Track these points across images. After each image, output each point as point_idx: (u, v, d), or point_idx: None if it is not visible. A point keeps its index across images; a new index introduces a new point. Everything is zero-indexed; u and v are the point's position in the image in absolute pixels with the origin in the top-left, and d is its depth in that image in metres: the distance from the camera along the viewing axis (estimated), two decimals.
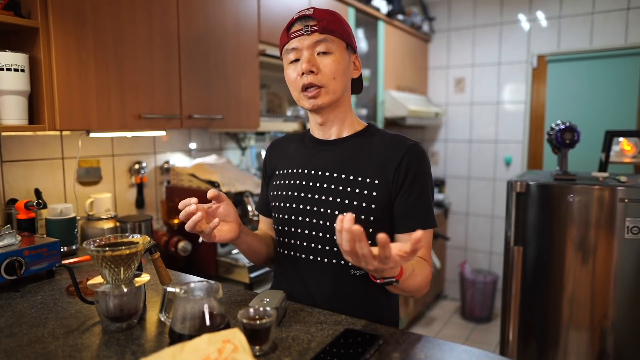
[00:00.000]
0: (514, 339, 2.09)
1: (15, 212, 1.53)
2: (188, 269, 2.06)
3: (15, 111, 1.36)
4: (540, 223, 2.01)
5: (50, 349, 0.88)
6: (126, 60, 1.60)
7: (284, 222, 1.17)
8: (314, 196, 1.12)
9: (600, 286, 1.92)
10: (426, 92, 3.98)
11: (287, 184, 1.18)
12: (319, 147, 1.18)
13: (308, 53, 1.07)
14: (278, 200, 1.18)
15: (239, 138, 2.61)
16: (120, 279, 0.95)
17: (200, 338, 0.77)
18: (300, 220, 1.14)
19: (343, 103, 1.14)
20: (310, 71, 1.06)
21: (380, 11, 3.11)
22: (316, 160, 1.16)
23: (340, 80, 1.09)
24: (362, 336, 0.90)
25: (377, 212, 1.07)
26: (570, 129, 2.04)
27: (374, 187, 1.08)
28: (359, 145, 1.13)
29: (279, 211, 1.18)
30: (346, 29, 1.11)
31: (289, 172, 1.19)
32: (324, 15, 1.08)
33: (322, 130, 1.18)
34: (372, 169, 1.09)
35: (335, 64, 1.07)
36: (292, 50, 1.09)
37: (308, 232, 1.13)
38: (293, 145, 1.25)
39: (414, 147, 1.09)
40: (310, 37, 1.07)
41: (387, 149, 1.10)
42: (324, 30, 1.06)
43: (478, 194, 3.85)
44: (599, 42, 3.23)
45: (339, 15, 1.11)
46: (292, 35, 1.09)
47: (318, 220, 1.11)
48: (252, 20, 2.10)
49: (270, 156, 1.29)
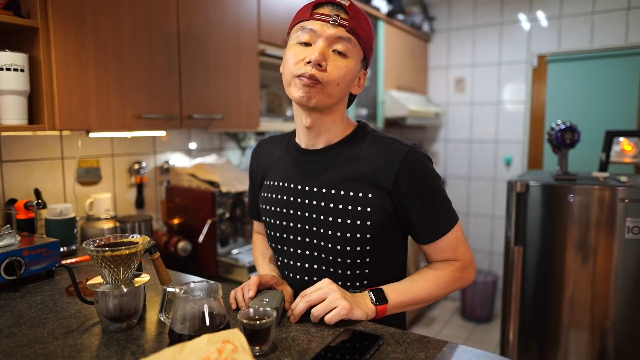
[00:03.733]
0: (514, 339, 2.09)
1: (15, 212, 1.52)
2: (188, 269, 2.06)
3: (15, 111, 1.36)
4: (540, 223, 2.01)
5: (49, 349, 0.88)
6: (126, 60, 1.60)
7: (276, 240, 1.11)
8: (304, 214, 1.04)
9: (601, 286, 1.92)
10: (426, 92, 3.98)
11: (275, 199, 1.10)
12: (304, 158, 1.07)
13: (324, 44, 0.94)
14: (268, 216, 1.12)
15: (238, 138, 2.60)
16: (120, 279, 0.94)
17: (200, 338, 0.77)
18: (291, 239, 1.08)
19: (335, 112, 1.02)
20: (318, 64, 0.94)
21: (381, 11, 3.11)
22: (303, 174, 1.06)
23: (343, 89, 0.99)
24: (362, 336, 0.90)
25: (373, 229, 0.99)
26: (570, 129, 2.04)
27: (368, 202, 0.98)
28: (348, 155, 1.02)
29: (270, 228, 1.12)
30: (371, 40, 1.01)
31: (277, 186, 1.10)
32: (358, 15, 0.97)
33: (307, 136, 1.05)
34: (364, 182, 0.99)
35: (346, 71, 0.96)
36: (309, 31, 0.96)
37: (301, 251, 1.07)
38: (277, 152, 1.15)
39: (410, 155, 0.98)
40: (335, 28, 0.94)
41: (379, 157, 1.00)
42: (352, 31, 0.95)
43: (478, 194, 3.85)
44: (599, 42, 3.23)
45: (369, 23, 1.01)
46: (317, 16, 0.95)
47: (311, 239, 1.04)
48: (252, 20, 2.09)
49: (257, 161, 1.20)
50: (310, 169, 1.05)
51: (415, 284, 1.02)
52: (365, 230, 0.99)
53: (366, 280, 1.04)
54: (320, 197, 1.03)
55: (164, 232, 2.08)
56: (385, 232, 1.02)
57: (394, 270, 1.09)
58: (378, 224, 0.99)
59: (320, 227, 1.02)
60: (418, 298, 1.01)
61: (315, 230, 1.03)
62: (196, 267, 2.07)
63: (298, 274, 1.09)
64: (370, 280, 1.05)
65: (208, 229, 1.99)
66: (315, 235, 1.04)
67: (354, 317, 0.94)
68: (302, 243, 1.06)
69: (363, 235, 1.00)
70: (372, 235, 1.00)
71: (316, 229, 1.03)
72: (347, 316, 0.93)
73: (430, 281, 1.02)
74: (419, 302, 1.02)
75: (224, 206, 2.07)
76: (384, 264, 1.06)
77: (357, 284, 1.04)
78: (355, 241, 1.00)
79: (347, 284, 1.04)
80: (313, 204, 1.03)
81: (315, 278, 1.06)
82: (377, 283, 1.04)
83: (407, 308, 1.02)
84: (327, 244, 1.02)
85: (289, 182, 1.08)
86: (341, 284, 1.04)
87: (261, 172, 1.19)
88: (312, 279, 1.06)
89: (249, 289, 1.02)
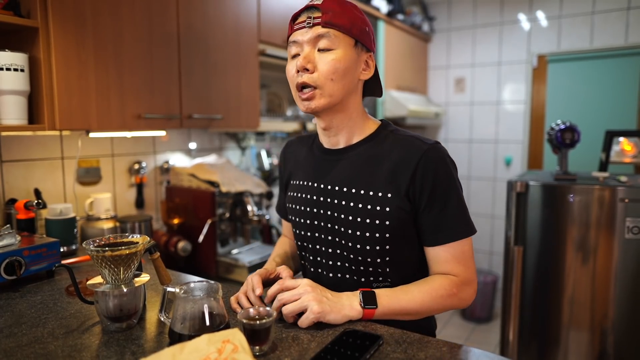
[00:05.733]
0: (514, 339, 2.09)
1: (15, 212, 1.52)
2: (188, 269, 2.06)
3: (15, 111, 1.36)
4: (540, 223, 2.01)
5: (49, 349, 0.88)
6: (126, 60, 1.60)
7: (303, 237, 1.13)
8: (327, 212, 1.06)
9: (601, 286, 1.92)
10: (426, 92, 3.98)
11: (301, 198, 1.12)
12: (327, 158, 1.09)
13: (308, 48, 0.98)
14: (295, 215, 1.14)
15: (238, 138, 2.60)
16: (120, 279, 0.95)
17: (200, 338, 0.77)
18: (317, 236, 1.09)
19: (348, 107, 1.03)
20: (305, 69, 0.97)
21: (380, 11, 3.11)
22: (326, 173, 1.08)
23: (340, 82, 0.98)
24: (362, 336, 0.90)
25: (392, 229, 0.98)
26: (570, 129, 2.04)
27: (387, 201, 0.98)
28: (369, 154, 1.03)
29: (296, 227, 1.14)
30: (358, 23, 0.99)
31: (302, 185, 1.13)
32: (331, 6, 0.97)
33: (327, 136, 1.08)
34: (384, 181, 0.99)
35: (335, 63, 0.96)
36: (293, 44, 1.00)
37: (325, 249, 1.08)
38: (304, 152, 1.18)
39: (429, 152, 0.97)
40: (311, 30, 0.97)
41: (399, 156, 0.99)
42: (327, 24, 0.96)
43: (478, 194, 3.85)
44: (599, 42, 3.23)
45: (351, 7, 0.99)
46: (296, 27, 1.00)
47: (334, 237, 1.05)
48: (252, 20, 2.09)
49: (285, 161, 1.23)
50: (332, 168, 1.07)
51: (409, 293, 0.98)
52: (385, 230, 0.99)
53: (389, 278, 1.04)
54: (341, 196, 1.04)
55: (164, 232, 2.08)
56: (405, 232, 1.01)
57: (414, 269, 1.07)
58: (397, 223, 0.99)
59: (342, 225, 1.03)
60: (410, 308, 0.97)
61: (338, 229, 1.04)
62: (196, 267, 2.07)
63: (325, 271, 1.10)
64: (393, 278, 1.04)
65: (208, 229, 1.99)
66: (338, 233, 1.04)
67: (326, 321, 0.92)
68: (327, 241, 1.07)
69: (382, 235, 0.99)
70: (391, 235, 0.99)
71: (338, 227, 1.04)
72: (320, 320, 0.91)
73: (425, 292, 0.98)
74: (410, 313, 0.98)
75: (224, 206, 2.07)
76: (406, 263, 1.05)
77: (380, 279, 1.04)
78: (374, 240, 1.00)
79: (370, 279, 1.04)
80: (335, 203, 1.05)
81: (339, 274, 1.07)
82: (398, 281, 1.03)
83: (398, 317, 0.98)
84: (349, 243, 1.03)
85: (313, 181, 1.10)
86: (364, 280, 1.04)
87: (288, 172, 1.21)
88: (337, 275, 1.07)
89: (256, 287, 1.01)
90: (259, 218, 2.06)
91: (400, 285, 1.02)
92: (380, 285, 1.04)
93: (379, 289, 1.00)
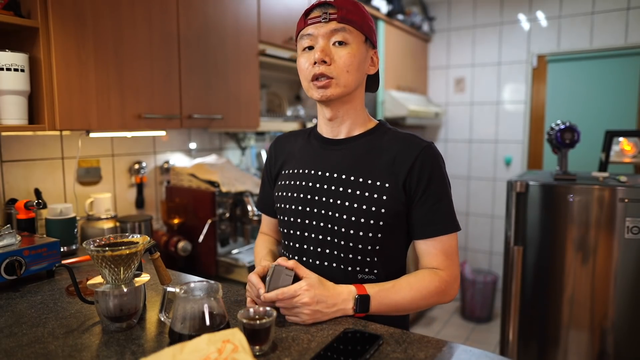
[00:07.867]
0: (514, 339, 2.09)
1: (15, 212, 1.53)
2: (188, 269, 2.06)
3: (15, 111, 1.36)
4: (540, 223, 2.01)
5: (50, 349, 0.88)
6: (126, 60, 1.60)
7: (291, 225, 1.13)
8: (322, 198, 1.08)
9: (600, 286, 1.92)
10: (426, 92, 3.98)
11: (294, 185, 1.13)
12: (327, 147, 1.13)
13: (323, 42, 1.03)
14: (285, 202, 1.14)
15: (238, 138, 2.60)
16: (120, 279, 0.95)
17: (200, 338, 0.77)
18: (307, 223, 1.10)
19: (355, 99, 1.09)
20: (323, 61, 1.02)
21: (380, 11, 3.11)
22: (324, 161, 1.11)
23: (354, 74, 1.04)
24: (362, 336, 0.90)
25: (387, 217, 1.03)
26: (570, 129, 2.04)
27: (384, 190, 1.03)
28: (369, 146, 1.09)
29: (285, 213, 1.14)
30: (367, 21, 1.06)
31: (296, 173, 1.15)
32: (345, 4, 1.03)
33: (330, 127, 1.12)
34: (383, 171, 1.05)
35: (351, 57, 1.02)
36: (308, 37, 1.04)
37: (315, 235, 1.09)
38: (298, 143, 1.20)
39: (427, 149, 1.04)
40: (327, 25, 1.02)
41: (398, 149, 1.06)
42: (343, 20, 1.02)
43: (478, 194, 3.85)
44: (599, 42, 3.23)
45: (361, 6, 1.07)
46: (310, 21, 1.04)
47: (326, 224, 1.07)
48: (252, 20, 2.09)
49: (275, 153, 1.24)
50: (331, 157, 1.11)
51: (401, 291, 1.01)
52: (379, 217, 1.03)
53: (375, 269, 1.07)
54: (339, 182, 1.07)
55: (164, 232, 2.08)
56: (397, 223, 1.05)
57: (399, 264, 1.12)
58: (392, 212, 1.03)
59: (336, 211, 1.06)
60: (400, 305, 1.01)
61: (332, 215, 1.07)
62: (196, 267, 2.07)
63: (312, 259, 1.11)
64: (379, 270, 1.07)
65: (208, 228, 2.00)
66: (331, 219, 1.07)
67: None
68: (318, 228, 1.09)
69: (376, 222, 1.03)
70: (384, 223, 1.03)
71: (332, 213, 1.07)
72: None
73: (415, 290, 1.02)
74: (399, 310, 1.02)
75: (224, 206, 2.07)
76: (393, 254, 1.09)
77: (367, 270, 1.07)
78: (368, 227, 1.03)
79: (356, 269, 1.06)
80: (332, 189, 1.08)
81: (326, 262, 1.08)
82: (383, 275, 1.06)
83: (387, 313, 1.02)
84: (342, 229, 1.05)
85: (309, 168, 1.13)
86: (351, 270, 1.06)
87: (279, 163, 1.22)
88: (323, 263, 1.09)
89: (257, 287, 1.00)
90: (259, 218, 2.06)
91: (384, 280, 1.05)
92: (365, 277, 1.07)
93: (371, 285, 1.01)
